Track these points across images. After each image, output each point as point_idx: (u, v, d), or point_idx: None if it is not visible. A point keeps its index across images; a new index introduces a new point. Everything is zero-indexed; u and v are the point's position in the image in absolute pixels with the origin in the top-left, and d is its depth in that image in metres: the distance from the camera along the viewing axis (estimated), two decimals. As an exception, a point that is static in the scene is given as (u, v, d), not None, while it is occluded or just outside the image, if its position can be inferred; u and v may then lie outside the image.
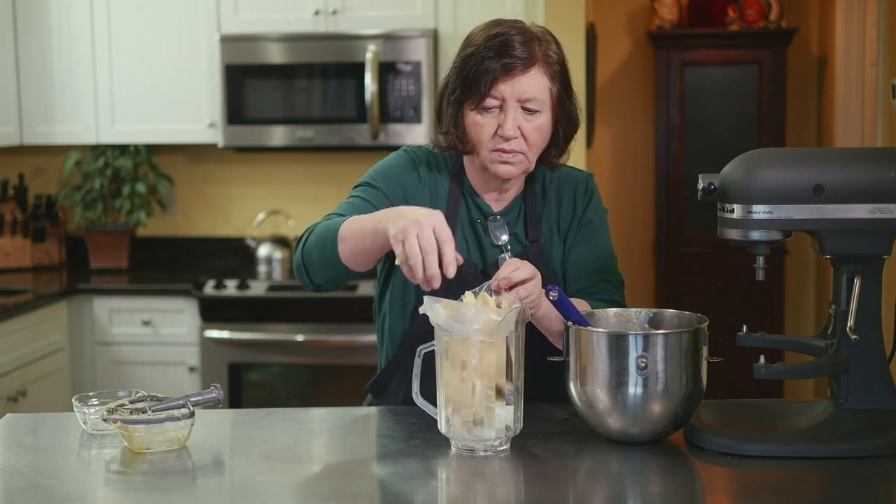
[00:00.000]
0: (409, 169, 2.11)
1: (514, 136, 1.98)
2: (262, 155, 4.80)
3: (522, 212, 2.11)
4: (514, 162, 2.01)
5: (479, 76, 1.96)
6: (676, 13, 5.54)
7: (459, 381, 1.76)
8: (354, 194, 2.09)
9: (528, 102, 1.98)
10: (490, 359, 1.76)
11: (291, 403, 4.24)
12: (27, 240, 4.70)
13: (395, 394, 2.14)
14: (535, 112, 1.99)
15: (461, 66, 2.00)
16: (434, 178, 2.10)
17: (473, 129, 2.01)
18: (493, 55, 1.96)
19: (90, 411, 1.96)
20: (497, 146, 1.99)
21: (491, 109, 1.99)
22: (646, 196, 5.86)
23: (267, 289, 4.28)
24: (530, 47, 1.99)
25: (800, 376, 1.92)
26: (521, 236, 2.11)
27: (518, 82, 1.96)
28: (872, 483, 1.71)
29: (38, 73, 4.55)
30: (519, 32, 2.00)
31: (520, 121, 1.98)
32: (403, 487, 1.69)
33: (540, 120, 2.00)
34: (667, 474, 1.75)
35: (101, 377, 4.33)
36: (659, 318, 1.96)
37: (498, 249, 2.07)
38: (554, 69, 2.01)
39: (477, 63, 1.97)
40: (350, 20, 4.39)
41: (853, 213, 1.80)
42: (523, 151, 2.01)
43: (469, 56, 1.99)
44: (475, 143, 2.02)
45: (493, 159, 2.01)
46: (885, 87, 4.02)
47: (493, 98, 1.97)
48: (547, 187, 2.15)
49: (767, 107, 5.44)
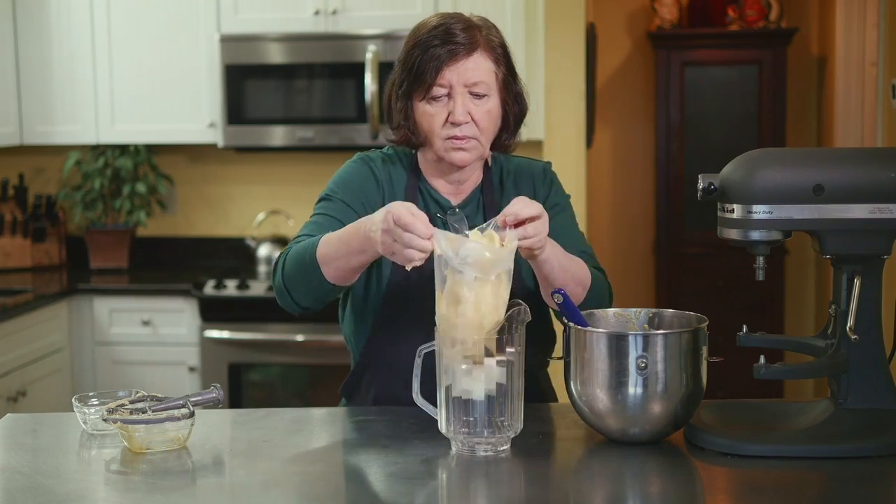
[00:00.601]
0: (364, 174, 2.14)
1: (464, 121, 2.01)
2: (262, 155, 4.80)
3: (481, 203, 2.13)
4: (467, 148, 2.04)
5: (423, 66, 2.00)
6: (676, 13, 5.54)
7: (455, 315, 1.77)
8: (318, 212, 2.11)
9: (475, 87, 2.01)
10: (483, 294, 1.76)
11: (291, 403, 4.24)
12: (27, 240, 4.70)
13: (366, 394, 2.16)
14: (483, 96, 2.02)
15: (405, 59, 2.04)
16: (390, 179, 2.13)
17: (424, 119, 2.04)
18: (437, 44, 2.00)
19: (90, 411, 1.96)
20: (449, 134, 2.02)
21: (440, 98, 2.02)
22: (646, 196, 5.86)
23: (267, 289, 4.28)
24: (471, 33, 2.02)
25: (800, 376, 1.92)
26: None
27: (463, 67, 2.00)
28: (872, 483, 1.71)
29: (38, 73, 4.55)
30: (458, 21, 2.03)
31: (469, 106, 2.01)
32: (403, 487, 1.69)
33: (489, 104, 2.03)
34: (667, 474, 1.75)
35: (101, 377, 4.33)
36: (659, 318, 1.96)
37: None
38: (497, 52, 2.05)
39: (421, 53, 2.01)
40: (350, 20, 4.39)
41: (853, 213, 1.80)
42: (475, 136, 2.03)
43: (412, 48, 2.03)
44: (427, 134, 2.05)
45: (446, 147, 2.04)
46: (885, 87, 4.02)
47: (441, 86, 2.01)
48: (504, 178, 2.17)
49: (767, 107, 5.44)
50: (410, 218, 1.76)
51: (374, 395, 2.13)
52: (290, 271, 1.99)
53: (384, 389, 2.12)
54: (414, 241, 1.75)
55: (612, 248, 5.87)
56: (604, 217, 5.84)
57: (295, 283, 1.99)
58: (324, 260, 1.92)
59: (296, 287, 2.00)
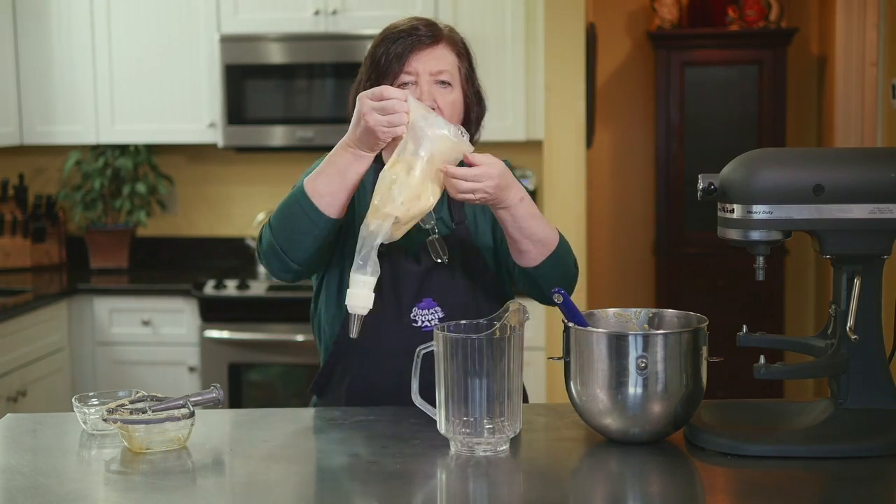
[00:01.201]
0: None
1: (431, 105, 2.06)
2: (262, 155, 4.80)
3: (445, 196, 2.13)
4: None
5: (390, 59, 2.10)
6: (676, 13, 5.54)
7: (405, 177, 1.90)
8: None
9: (440, 75, 2.10)
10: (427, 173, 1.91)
11: (291, 403, 4.24)
12: (27, 240, 4.70)
13: (339, 386, 2.18)
14: (448, 85, 2.10)
15: (371, 55, 2.14)
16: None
17: None
18: (403, 37, 2.10)
19: (90, 411, 1.96)
20: None
21: (407, 85, 2.09)
22: (646, 196, 5.86)
23: (267, 289, 4.28)
24: (434, 29, 2.13)
25: (800, 376, 1.92)
26: (447, 219, 2.18)
27: (428, 55, 2.10)
28: (872, 483, 1.71)
29: (38, 73, 4.55)
30: (422, 21, 2.14)
31: (435, 93, 2.09)
32: (403, 487, 1.69)
33: (453, 95, 2.11)
34: (667, 474, 1.75)
35: (101, 377, 4.33)
36: (659, 318, 1.96)
37: (426, 232, 2.06)
38: (459, 47, 2.16)
39: (386, 48, 2.11)
40: (350, 20, 4.39)
41: (853, 213, 1.80)
42: None
43: (378, 45, 2.14)
44: None
45: None
46: (885, 87, 4.02)
47: (408, 73, 2.09)
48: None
49: (767, 107, 5.44)
50: (380, 88, 1.92)
51: (349, 387, 2.16)
52: (279, 225, 2.03)
53: (359, 380, 2.15)
54: (394, 104, 1.89)
55: (612, 248, 5.87)
56: (604, 217, 5.84)
57: (287, 236, 2.03)
58: (315, 192, 1.99)
59: (289, 240, 2.03)
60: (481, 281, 2.17)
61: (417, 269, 2.12)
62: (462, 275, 2.14)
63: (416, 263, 2.12)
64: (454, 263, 2.13)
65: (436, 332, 1.81)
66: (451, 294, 2.12)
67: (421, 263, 2.12)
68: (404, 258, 2.12)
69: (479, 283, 2.16)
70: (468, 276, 2.15)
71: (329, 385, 2.21)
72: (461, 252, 2.15)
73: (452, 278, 2.13)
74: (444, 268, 2.12)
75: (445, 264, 2.10)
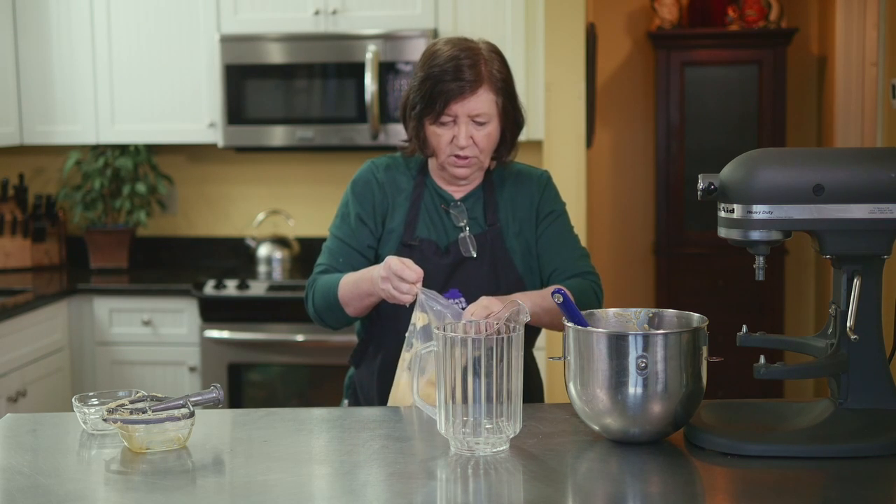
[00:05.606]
0: (370, 180, 2.48)
1: (466, 145, 2.34)
2: (262, 155, 4.80)
3: (482, 199, 2.45)
4: (468, 165, 2.38)
5: (435, 97, 2.32)
6: (676, 13, 5.54)
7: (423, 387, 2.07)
8: (332, 232, 2.48)
9: (478, 117, 2.33)
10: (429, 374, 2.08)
11: (291, 403, 4.24)
12: (27, 240, 4.70)
13: (372, 361, 2.45)
14: (484, 123, 2.35)
15: (419, 87, 2.35)
16: (393, 179, 2.47)
17: (433, 138, 2.38)
18: (448, 79, 2.31)
19: (90, 411, 1.96)
20: (453, 153, 2.36)
21: (447, 123, 2.34)
22: (646, 196, 5.86)
23: (267, 289, 4.28)
24: (477, 70, 2.32)
25: (800, 376, 1.92)
26: (481, 220, 2.44)
27: (468, 102, 2.32)
28: (872, 483, 1.71)
29: (38, 73, 4.55)
30: (468, 56, 2.32)
31: (471, 132, 2.34)
32: (403, 487, 1.69)
33: (489, 129, 2.36)
34: (667, 474, 1.75)
35: (101, 377, 4.33)
36: (659, 318, 1.96)
37: (459, 230, 2.41)
38: (498, 85, 2.35)
39: (433, 86, 2.32)
40: (350, 20, 4.39)
41: (853, 213, 1.80)
42: (476, 155, 2.37)
43: (426, 79, 2.34)
44: (435, 150, 2.39)
45: (450, 163, 2.39)
46: (885, 87, 4.02)
47: (448, 115, 2.33)
48: (506, 179, 2.49)
49: (767, 107, 5.44)
50: (400, 266, 2.16)
51: (381, 361, 2.42)
52: (321, 307, 2.41)
53: (390, 355, 2.38)
54: (402, 286, 2.16)
55: (611, 248, 5.87)
56: (604, 217, 5.84)
57: (326, 315, 2.42)
58: (344, 301, 2.36)
59: (328, 318, 2.42)
60: (506, 278, 2.39)
61: (447, 262, 2.38)
62: (488, 270, 2.38)
63: (447, 256, 2.38)
64: (482, 260, 2.38)
65: (436, 332, 1.82)
66: (475, 287, 2.34)
67: (450, 256, 2.38)
68: (436, 251, 2.39)
69: (503, 280, 2.38)
70: (494, 272, 2.38)
71: (364, 359, 2.48)
72: (490, 251, 2.39)
73: (478, 273, 2.38)
74: (472, 262, 2.38)
75: (473, 259, 2.37)
